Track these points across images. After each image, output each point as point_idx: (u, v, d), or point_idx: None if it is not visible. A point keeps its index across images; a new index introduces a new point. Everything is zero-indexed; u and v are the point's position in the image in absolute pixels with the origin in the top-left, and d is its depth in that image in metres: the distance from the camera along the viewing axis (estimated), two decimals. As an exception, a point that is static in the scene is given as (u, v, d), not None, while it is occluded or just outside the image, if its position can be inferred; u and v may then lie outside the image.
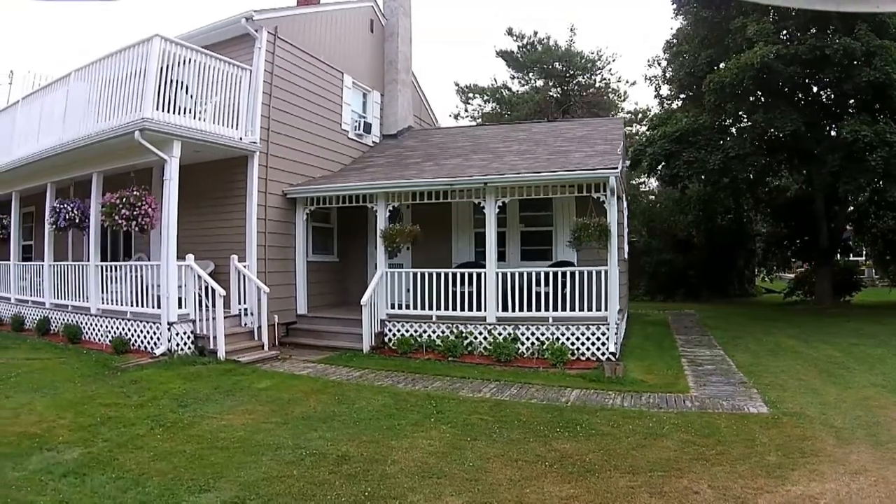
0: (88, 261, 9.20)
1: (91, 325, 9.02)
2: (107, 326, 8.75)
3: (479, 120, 25.27)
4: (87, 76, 8.98)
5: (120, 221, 8.09)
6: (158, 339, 8.08)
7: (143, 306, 8.34)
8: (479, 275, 8.78)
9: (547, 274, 8.47)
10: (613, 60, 24.80)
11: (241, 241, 9.15)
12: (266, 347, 8.70)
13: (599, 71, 23.65)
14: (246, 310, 8.91)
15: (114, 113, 8.32)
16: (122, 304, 8.67)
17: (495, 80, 25.68)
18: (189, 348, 8.16)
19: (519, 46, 24.40)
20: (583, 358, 8.05)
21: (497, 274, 8.77)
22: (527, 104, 22.14)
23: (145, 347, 8.22)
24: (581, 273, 8.40)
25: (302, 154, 10.19)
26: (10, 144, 10.62)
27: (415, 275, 9.23)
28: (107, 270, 9.02)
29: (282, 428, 5.27)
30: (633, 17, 46.76)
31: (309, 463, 4.42)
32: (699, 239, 18.38)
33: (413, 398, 6.24)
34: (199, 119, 8.52)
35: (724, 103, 12.32)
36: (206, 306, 8.03)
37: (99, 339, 8.86)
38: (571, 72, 23.22)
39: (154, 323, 8.13)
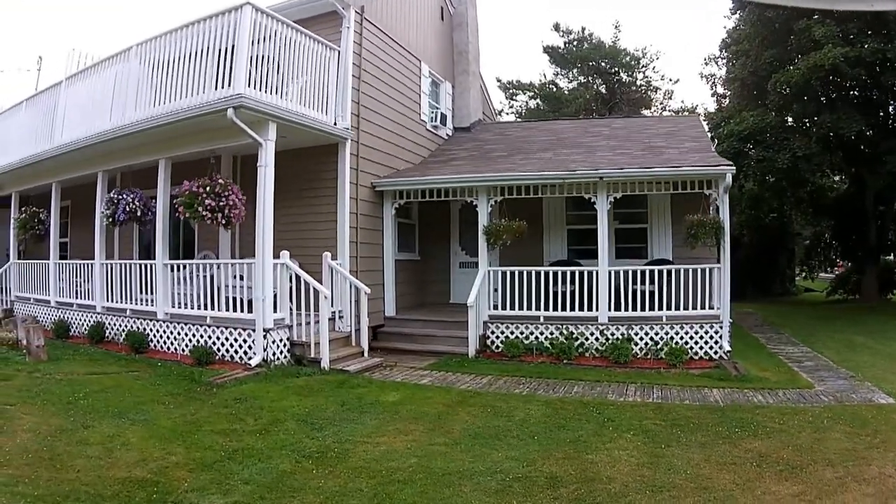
0: (154, 258, 7.72)
1: (159, 332, 7.55)
2: (181, 334, 7.31)
3: (520, 117, 24.15)
4: (151, 51, 7.54)
5: (204, 213, 6.70)
6: (250, 347, 6.72)
7: (229, 310, 6.95)
8: (588, 273, 7.91)
9: (652, 272, 7.79)
10: (657, 58, 24.20)
11: (332, 236, 7.85)
12: (366, 353, 7.43)
13: (643, 69, 23.05)
14: (339, 312, 7.60)
15: (191, 91, 6.95)
16: (198, 308, 7.25)
17: (544, 76, 24.80)
18: (285, 357, 6.83)
19: (565, 42, 23.52)
20: (696, 357, 7.51)
21: (609, 272, 7.84)
22: (576, 101, 21.25)
23: (233, 357, 6.84)
24: (693, 271, 7.76)
25: (387, 144, 8.96)
26: (51, 130, 9.02)
27: (519, 273, 8.11)
28: (177, 270, 7.55)
29: (455, 450, 4.35)
30: (673, 15, 45.67)
31: (520, 490, 3.68)
32: (750, 237, 17.83)
33: (569, 406, 5.47)
34: (287, 100, 7.21)
35: (791, 103, 11.67)
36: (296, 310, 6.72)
37: (171, 348, 7.40)
38: (615, 69, 22.45)
39: (245, 329, 6.76)
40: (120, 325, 8.01)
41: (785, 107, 12.16)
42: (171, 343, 7.41)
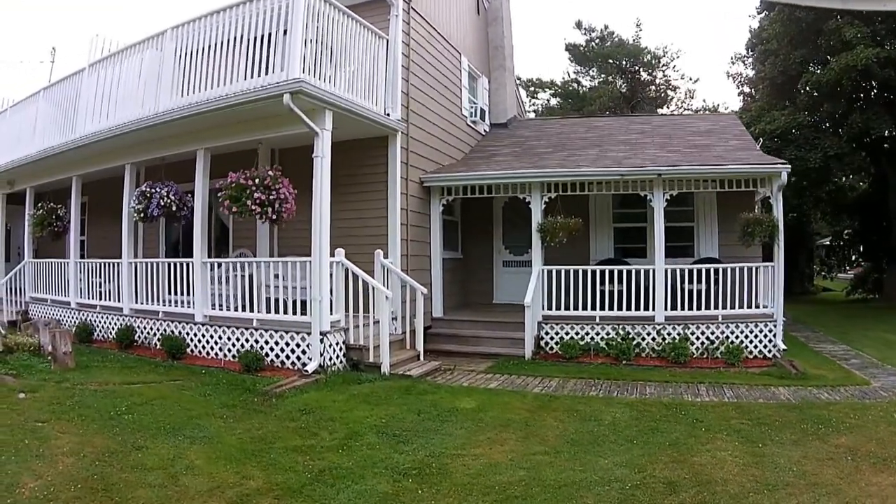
0: (181, 256, 7.03)
1: (198, 335, 6.86)
2: (224, 338, 6.61)
3: (542, 114, 23.58)
4: (188, 35, 6.85)
5: (253, 207, 6.06)
6: (304, 352, 6.08)
7: (278, 313, 6.28)
8: (645, 272, 7.61)
9: (708, 271, 7.55)
10: (678, 57, 23.80)
11: (381, 233, 7.25)
12: (421, 357, 6.83)
13: (663, 67, 22.66)
14: (392, 313, 6.97)
15: (235, 76, 6.32)
16: (241, 310, 6.56)
17: (568, 74, 24.20)
18: (341, 362, 6.21)
19: (587, 40, 23.05)
20: (751, 356, 7.30)
21: (666, 271, 7.44)
22: (599, 99, 20.81)
23: (284, 363, 6.19)
24: (748, 269, 7.58)
25: (433, 138, 8.39)
26: (74, 120, 8.24)
27: (574, 272, 7.62)
28: (213, 269, 6.85)
29: (559, 458, 4.06)
30: (692, 13, 44.26)
31: (644, 498, 3.45)
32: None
33: (651, 408, 5.21)
34: (339, 88, 6.58)
35: (821, 103, 11.40)
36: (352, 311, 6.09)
37: (212, 354, 6.70)
38: (636, 68, 22.07)
39: (298, 333, 6.12)
40: (152, 329, 7.28)
41: (815, 106, 11.90)
42: (213, 348, 6.71)
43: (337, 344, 6.17)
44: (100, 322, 7.99)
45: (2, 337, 6.55)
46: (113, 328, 7.71)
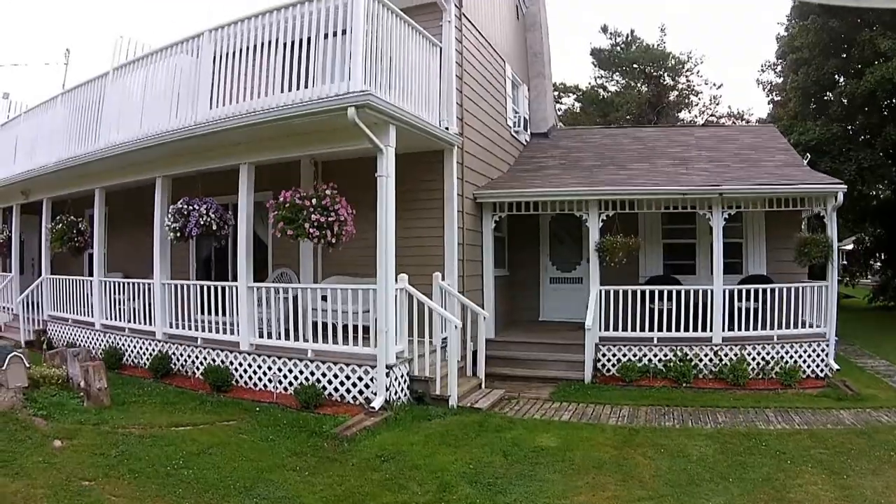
0: (213, 275, 6.39)
1: (243, 365, 6.23)
2: (275, 368, 6.00)
3: (565, 120, 22.95)
4: (229, 38, 6.18)
5: (311, 231, 5.44)
6: (367, 386, 5.51)
7: (337, 343, 5.68)
8: (703, 291, 7.23)
9: (764, 290, 7.28)
10: (701, 62, 23.31)
11: (437, 253, 6.70)
12: (483, 385, 6.30)
13: (686, 73, 22.15)
14: (446, 339, 6.40)
15: (285, 85, 5.70)
16: (293, 339, 5.93)
17: (594, 79, 23.57)
18: (405, 395, 5.65)
19: (612, 45, 22.45)
20: (804, 376, 7.07)
21: (724, 291, 7.19)
22: (626, 105, 20.28)
23: (344, 397, 5.60)
24: (803, 289, 7.35)
25: (484, 151, 7.85)
26: (97, 128, 7.50)
27: (633, 293, 7.20)
28: (268, 293, 6.20)
29: (668, 501, 3.83)
30: (716, 19, 43.61)
31: None
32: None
33: (732, 439, 4.98)
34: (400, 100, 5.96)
35: (855, 114, 11.08)
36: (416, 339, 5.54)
37: (261, 386, 6.10)
38: (660, 72, 21.60)
39: (361, 365, 5.52)
40: (190, 357, 6.63)
41: (848, 117, 11.57)
42: (261, 379, 6.10)
43: (402, 376, 5.61)
44: (129, 346, 7.29)
45: (25, 368, 5.83)
46: (145, 353, 7.03)
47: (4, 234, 9.48)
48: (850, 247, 18.35)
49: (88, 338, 7.88)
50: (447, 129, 6.58)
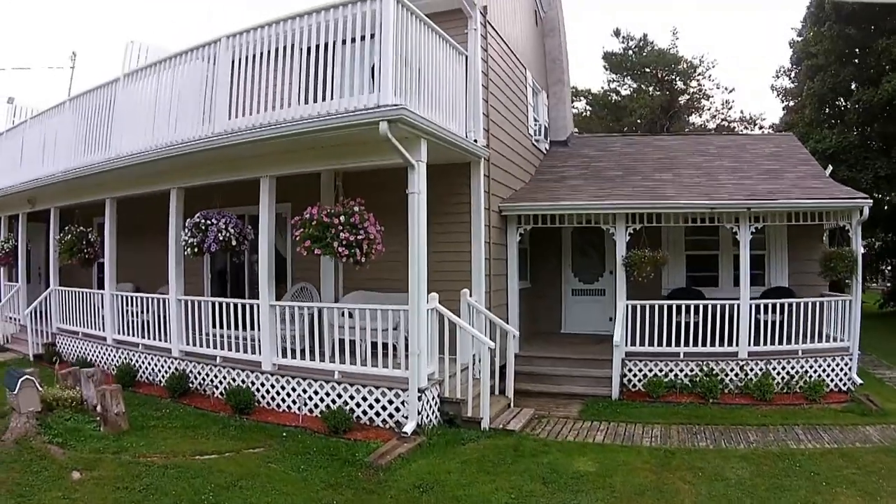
0: (227, 290, 6.09)
1: (265, 386, 5.95)
2: (300, 390, 5.75)
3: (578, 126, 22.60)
4: (247, 45, 5.85)
5: (339, 249, 5.17)
6: (397, 409, 5.28)
7: (366, 364, 5.44)
8: (731, 306, 7.08)
9: (791, 305, 7.18)
10: (713, 66, 22.69)
11: (464, 269, 6.46)
12: (512, 404, 6.08)
13: (698, 77, 21.87)
14: (474, 357, 6.17)
15: (309, 96, 5.43)
16: (319, 359, 5.68)
17: (607, 84, 23.25)
18: (436, 417, 5.42)
19: (624, 48, 22.09)
20: (827, 390, 6.98)
21: (750, 305, 7.06)
22: (639, 110, 20.04)
23: (374, 420, 5.37)
24: (827, 303, 7.28)
25: (508, 162, 7.61)
26: (108, 136, 7.17)
27: (659, 307, 7.02)
28: (291, 311, 5.93)
29: None
30: (729, 24, 42.97)
31: None
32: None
33: (766, 460, 4.94)
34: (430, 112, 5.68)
35: (872, 122, 10.92)
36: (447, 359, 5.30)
37: (284, 407, 5.84)
38: (672, 77, 21.33)
39: (391, 388, 5.27)
40: (208, 375, 6.35)
41: (864, 125, 11.41)
42: (284, 400, 5.84)
43: (433, 398, 5.38)
44: (144, 363, 7.00)
45: (37, 391, 5.53)
46: (160, 371, 6.74)
47: (10, 244, 9.13)
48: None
49: (100, 353, 7.59)
50: (475, 141, 6.33)
